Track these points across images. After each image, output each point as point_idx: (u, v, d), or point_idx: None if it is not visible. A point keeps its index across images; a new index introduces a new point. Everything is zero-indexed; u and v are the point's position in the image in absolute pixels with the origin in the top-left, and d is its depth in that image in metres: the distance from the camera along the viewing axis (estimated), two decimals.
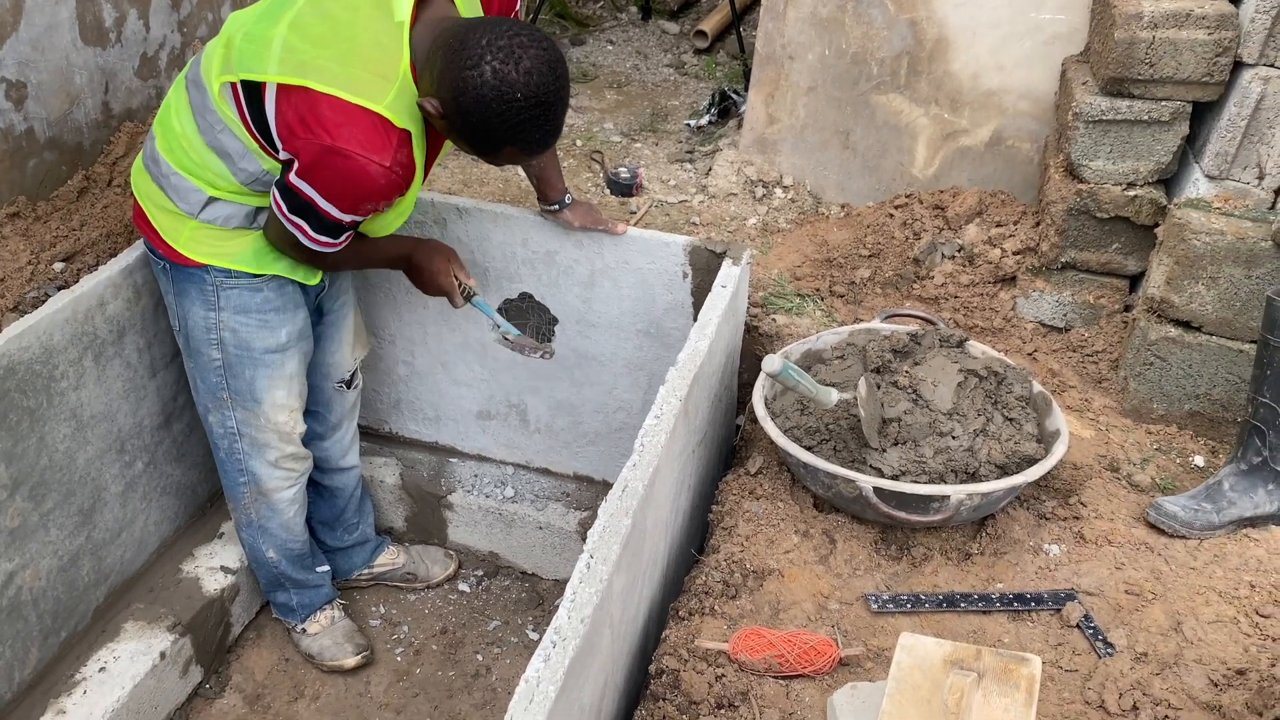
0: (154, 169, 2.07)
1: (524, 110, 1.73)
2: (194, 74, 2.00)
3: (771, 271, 2.73)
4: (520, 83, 1.71)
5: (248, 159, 1.95)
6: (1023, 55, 2.76)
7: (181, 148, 2.01)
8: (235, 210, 2.04)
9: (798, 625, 1.77)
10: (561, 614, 1.44)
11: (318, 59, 1.79)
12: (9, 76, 2.30)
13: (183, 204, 2.04)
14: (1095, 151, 2.40)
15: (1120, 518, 1.99)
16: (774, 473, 2.10)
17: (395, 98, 1.79)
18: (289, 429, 2.32)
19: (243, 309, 2.12)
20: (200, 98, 1.96)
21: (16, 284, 2.31)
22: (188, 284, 2.12)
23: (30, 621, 2.22)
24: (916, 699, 1.35)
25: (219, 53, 1.93)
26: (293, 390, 2.28)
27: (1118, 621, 1.77)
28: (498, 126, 1.75)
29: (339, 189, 1.81)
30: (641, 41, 4.43)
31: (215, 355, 2.18)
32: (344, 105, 1.76)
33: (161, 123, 2.06)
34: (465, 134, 1.80)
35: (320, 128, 1.77)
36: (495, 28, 1.72)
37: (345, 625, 2.68)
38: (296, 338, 2.22)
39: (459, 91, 1.72)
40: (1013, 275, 2.61)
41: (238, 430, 2.29)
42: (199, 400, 2.31)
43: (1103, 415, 2.31)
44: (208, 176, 2.00)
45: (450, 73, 1.72)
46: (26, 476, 2.13)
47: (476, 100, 1.71)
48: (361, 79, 1.78)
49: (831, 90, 3.00)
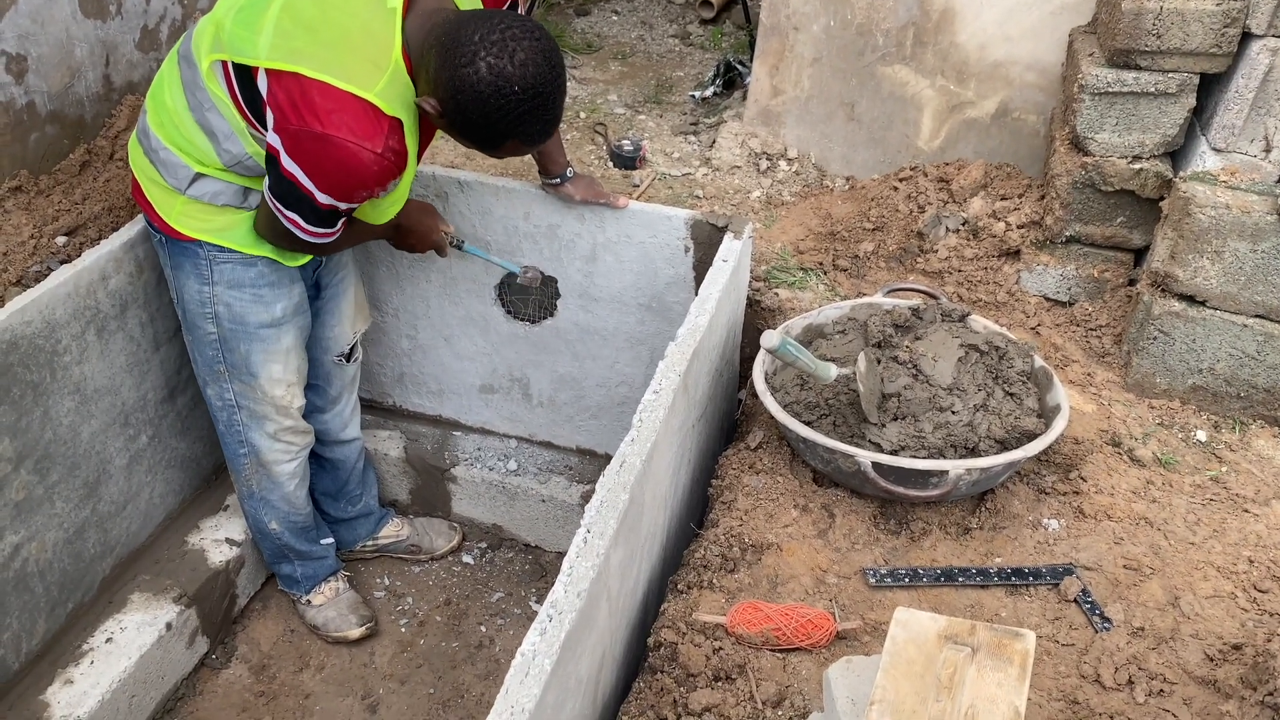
0: (145, 142, 2.07)
1: (523, 103, 1.73)
2: (185, 49, 1.99)
3: (775, 245, 2.72)
4: (517, 76, 1.70)
5: (233, 140, 1.95)
6: (1030, 26, 2.73)
7: (172, 123, 2.00)
8: (223, 187, 2.04)
9: (796, 599, 1.78)
10: (558, 588, 1.45)
11: (309, 45, 1.78)
12: (9, 50, 2.30)
13: (171, 179, 2.04)
14: (1101, 124, 2.37)
15: (1120, 493, 1.99)
16: (774, 447, 2.10)
17: (386, 85, 1.78)
18: (286, 402, 2.33)
19: (236, 284, 2.13)
20: (191, 74, 1.95)
21: (19, 258, 2.31)
22: (182, 258, 2.12)
23: (37, 593, 2.24)
24: (910, 673, 1.35)
25: (210, 30, 1.92)
26: (289, 365, 2.28)
27: (1115, 596, 1.78)
28: (498, 121, 1.74)
29: (331, 176, 1.80)
30: (647, 11, 4.39)
31: (211, 329, 2.19)
32: (335, 92, 1.75)
33: (154, 97, 2.06)
34: (466, 131, 1.80)
35: (311, 115, 1.75)
36: (487, 22, 1.71)
37: (350, 597, 2.71)
38: (292, 312, 2.23)
39: (456, 90, 1.71)
40: (1017, 249, 2.60)
41: (235, 402, 2.30)
42: (198, 373, 2.32)
43: (1105, 390, 2.31)
44: (194, 153, 2.00)
45: (445, 71, 1.71)
46: (31, 450, 2.14)
47: (474, 97, 1.71)
48: (353, 66, 1.76)
49: (837, 61, 2.97)
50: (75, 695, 2.23)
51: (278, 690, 2.56)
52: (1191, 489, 2.03)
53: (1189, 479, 2.06)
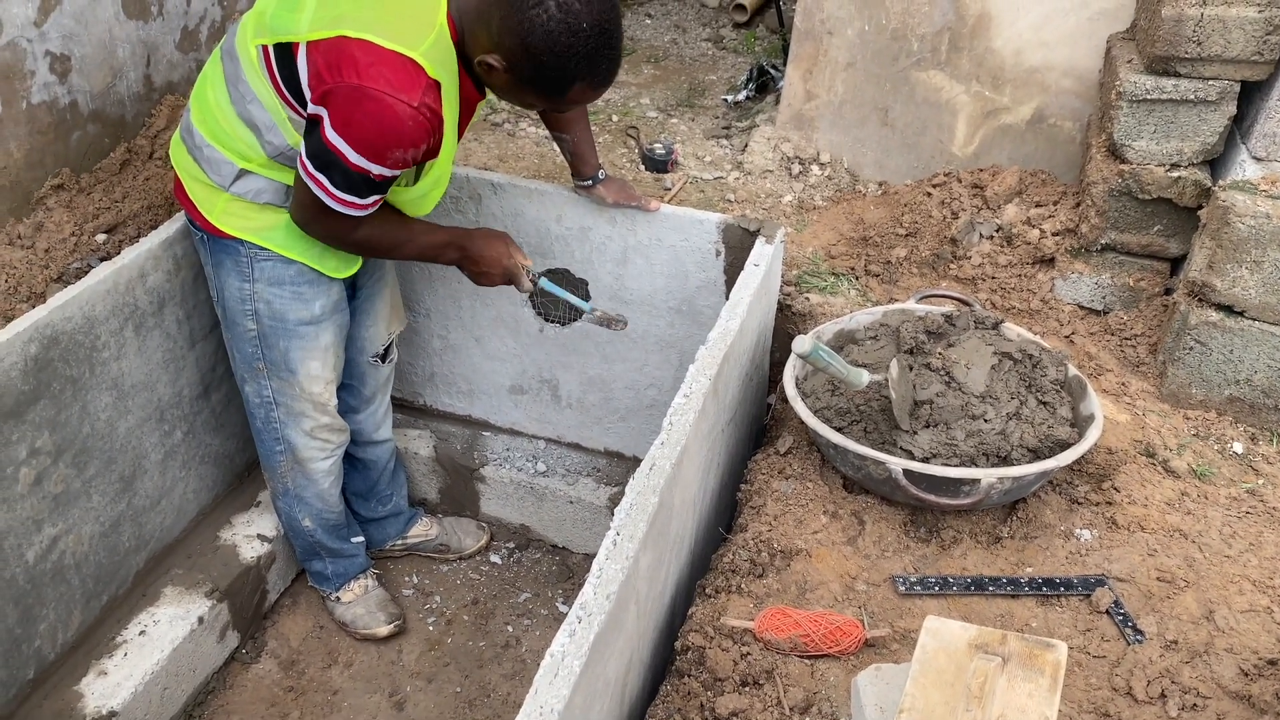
0: (189, 140, 2.09)
1: (591, 39, 1.73)
2: (229, 45, 2.02)
3: (806, 249, 2.71)
4: (584, 12, 1.71)
5: (274, 131, 1.97)
6: (1067, 32, 2.71)
7: (214, 118, 2.03)
8: (265, 184, 2.06)
9: (824, 605, 1.78)
10: (588, 590, 1.45)
11: (352, 9, 1.79)
12: (54, 50, 2.33)
13: (215, 176, 2.07)
14: (1139, 131, 2.35)
15: (1154, 504, 1.97)
16: (804, 453, 2.10)
17: (431, 46, 1.78)
18: (324, 400, 2.35)
19: (276, 281, 2.15)
20: (234, 68, 1.98)
21: (60, 255, 2.35)
22: (223, 255, 2.15)
23: (73, 585, 2.28)
24: (940, 682, 1.34)
25: (252, 21, 1.95)
26: (328, 362, 2.30)
27: (1148, 609, 1.76)
28: (568, 60, 1.74)
29: (365, 131, 1.77)
30: (680, 15, 4.40)
31: (250, 326, 2.21)
32: (375, 48, 1.75)
33: (198, 95, 2.08)
34: (534, 78, 1.79)
35: (350, 68, 1.75)
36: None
37: (379, 594, 2.73)
38: (331, 310, 2.24)
39: (526, 33, 1.71)
40: (1052, 256, 2.58)
41: (273, 399, 2.33)
42: (236, 369, 2.34)
43: (1140, 399, 2.28)
44: (238, 148, 2.02)
45: (513, 18, 1.72)
46: (69, 444, 2.17)
47: (545, 37, 1.71)
48: (396, 26, 1.77)
49: (870, 66, 2.96)
50: (109, 686, 2.26)
51: (306, 686, 2.59)
52: (1227, 501, 2.01)
53: (1225, 491, 2.04)
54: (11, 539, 2.07)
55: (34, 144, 2.35)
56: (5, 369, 1.98)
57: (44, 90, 2.34)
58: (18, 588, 2.11)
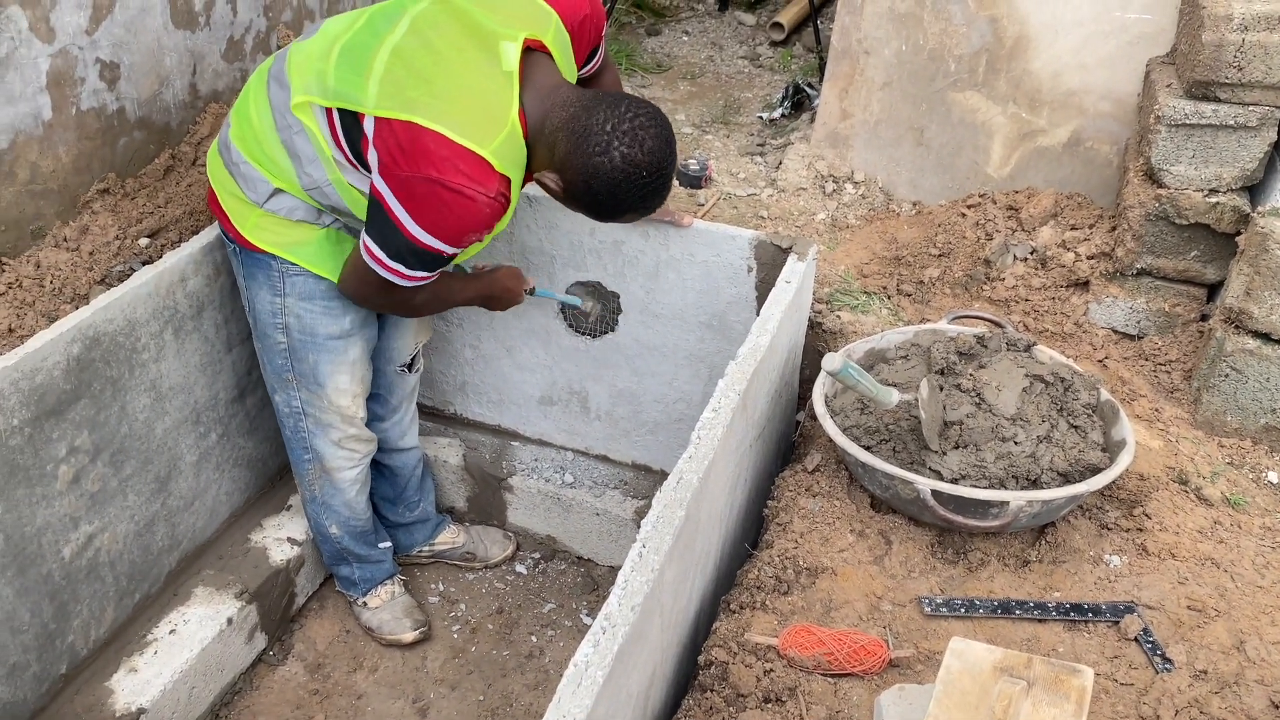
0: (226, 155, 2.12)
1: (649, 184, 1.86)
2: (278, 70, 2.04)
3: (838, 268, 2.72)
4: (646, 162, 1.83)
5: (315, 165, 1.99)
6: (1106, 55, 2.70)
7: (255, 138, 2.05)
8: (298, 203, 2.09)
9: (849, 624, 1.77)
10: (612, 601, 1.46)
11: (423, 95, 1.82)
12: (104, 58, 2.39)
13: (250, 192, 2.10)
14: (1177, 156, 2.34)
15: (1186, 532, 1.95)
16: (831, 471, 2.10)
17: (501, 144, 1.84)
18: (351, 412, 2.38)
19: (308, 296, 2.18)
20: (281, 96, 2.00)
21: (104, 257, 2.40)
22: (255, 268, 2.18)
23: (107, 582, 2.31)
24: (964, 704, 1.34)
25: (310, 71, 1.95)
26: (355, 375, 2.33)
27: (1178, 637, 1.74)
28: (624, 200, 1.88)
29: (442, 220, 1.84)
30: (717, 33, 4.42)
31: (281, 339, 2.24)
32: (449, 142, 1.80)
33: (239, 111, 2.11)
34: (589, 207, 1.93)
35: (425, 161, 1.80)
36: (615, 110, 1.82)
37: (405, 601, 2.75)
38: (360, 324, 2.27)
39: (589, 175, 1.84)
40: (1086, 280, 2.56)
41: (302, 410, 2.36)
42: (267, 379, 2.38)
43: (1173, 426, 2.26)
44: (274, 170, 2.05)
45: (578, 158, 1.83)
46: (108, 443, 2.21)
47: (607, 183, 1.84)
48: (468, 121, 1.81)
49: (907, 86, 2.96)
50: (139, 683, 2.29)
51: (331, 689, 2.61)
52: (1261, 531, 1.99)
53: (1259, 520, 2.01)
54: (49, 535, 2.11)
55: (82, 149, 2.41)
56: (48, 368, 2.02)
57: (93, 97, 2.39)
58: (54, 583, 2.15)
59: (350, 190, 2.00)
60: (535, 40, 1.92)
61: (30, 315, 2.21)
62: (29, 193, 2.31)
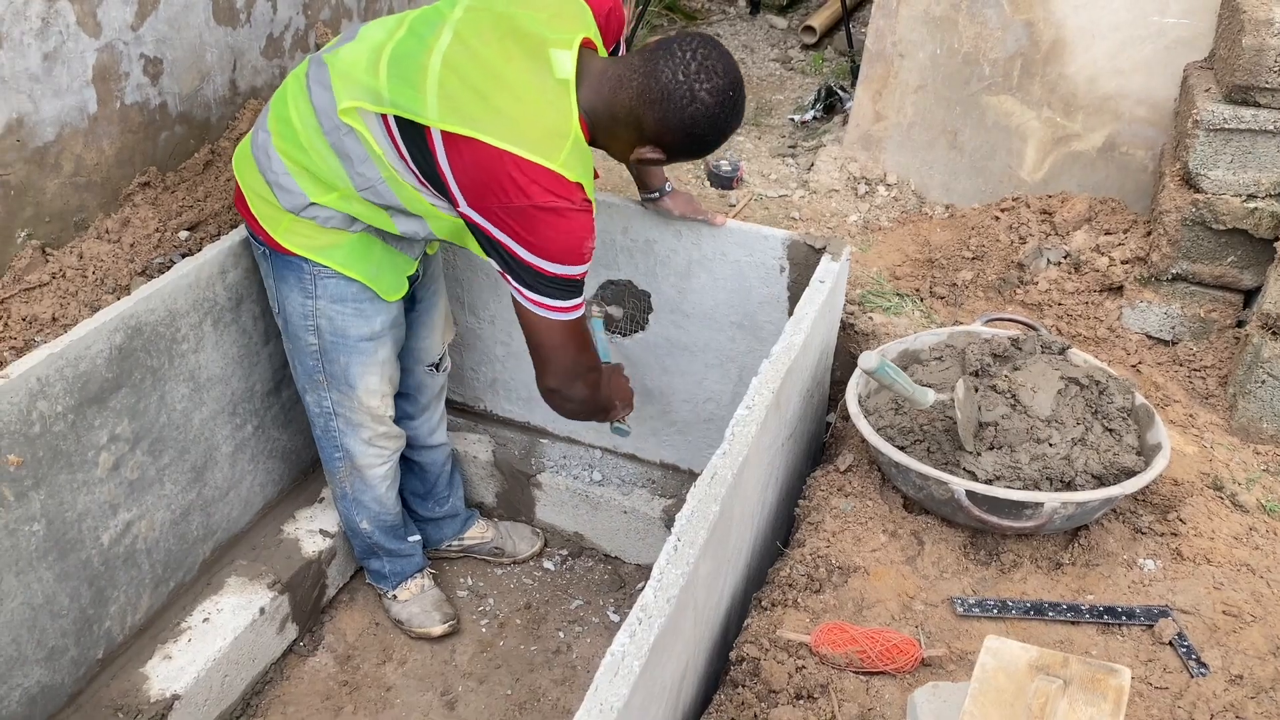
0: (264, 161, 2.10)
1: (737, 99, 1.90)
2: (319, 74, 2.02)
3: (870, 269, 2.72)
4: (727, 84, 1.86)
5: (367, 164, 1.99)
6: (1142, 59, 2.69)
7: (299, 144, 2.03)
8: (334, 214, 2.09)
9: (881, 623, 1.77)
10: (648, 593, 1.47)
11: (483, 111, 1.83)
12: (148, 53, 2.43)
13: (285, 202, 2.09)
14: (1215, 161, 2.33)
15: (1221, 537, 1.94)
16: (864, 471, 2.10)
17: (569, 154, 1.85)
18: (381, 411, 2.40)
19: (339, 298, 2.19)
20: (325, 99, 1.98)
21: (145, 250, 2.43)
22: (286, 271, 2.18)
23: (144, 569, 2.35)
24: (1000, 701, 1.34)
25: (360, 79, 1.93)
26: (384, 375, 2.36)
27: (1213, 642, 1.73)
28: (727, 126, 1.91)
29: (556, 243, 1.88)
30: (749, 35, 4.43)
31: (312, 341, 2.26)
32: (522, 162, 1.81)
33: (279, 116, 2.08)
34: (696, 151, 1.95)
35: (513, 188, 1.82)
36: (673, 58, 1.84)
37: (434, 594, 2.77)
38: (390, 325, 2.29)
39: (690, 126, 1.86)
40: (1120, 285, 2.55)
41: (333, 410, 2.38)
42: (297, 380, 2.40)
43: (1208, 432, 2.25)
44: (320, 175, 2.03)
45: (672, 119, 1.85)
46: (147, 432, 2.25)
47: (708, 121, 1.87)
48: (534, 136, 1.83)
49: (941, 89, 2.96)
50: (173, 670, 2.32)
51: (360, 681, 2.63)
52: None
53: None
54: (89, 521, 2.14)
55: (125, 143, 2.44)
56: (92, 355, 2.06)
57: (136, 91, 2.43)
58: (92, 569, 2.18)
59: (404, 187, 1.99)
60: (585, 39, 1.93)
61: (73, 305, 2.25)
62: (73, 185, 2.34)
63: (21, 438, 1.95)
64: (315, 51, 2.97)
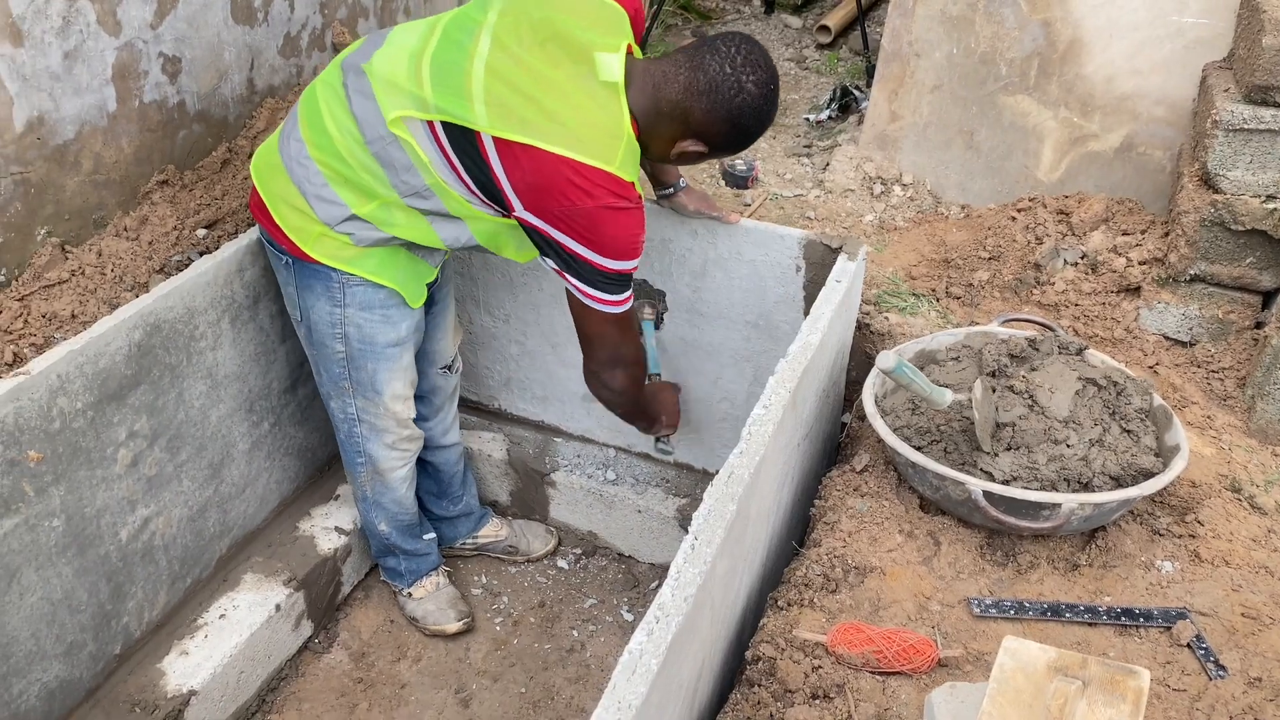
0: (299, 172, 2.08)
1: (775, 92, 1.97)
2: (359, 84, 2.00)
3: (886, 269, 2.71)
4: (769, 77, 1.94)
5: (412, 172, 1.99)
6: (1161, 59, 2.68)
7: (337, 154, 2.02)
8: (371, 232, 2.10)
9: (897, 623, 1.77)
10: (665, 591, 1.47)
11: (535, 116, 1.86)
12: (166, 51, 2.44)
13: (322, 214, 2.08)
14: (1234, 161, 2.31)
15: (1240, 539, 1.93)
16: (880, 471, 2.10)
17: (624, 155, 1.90)
18: (404, 415, 2.42)
19: (367, 305, 2.19)
20: (369, 110, 1.97)
21: (163, 247, 2.44)
22: (312, 280, 2.18)
23: (161, 566, 2.36)
24: (1018, 702, 1.34)
25: (404, 88, 1.94)
26: (407, 380, 2.37)
27: (1232, 644, 1.72)
28: (766, 117, 1.98)
29: (617, 241, 1.94)
30: (763, 35, 4.42)
31: (339, 349, 2.27)
32: (582, 166, 1.85)
33: (312, 126, 2.06)
34: (738, 144, 2.01)
35: (575, 191, 1.87)
36: (718, 52, 1.91)
37: (449, 592, 2.78)
38: (413, 331, 2.31)
39: (735, 117, 1.93)
40: (1137, 286, 2.54)
41: (357, 416, 2.39)
42: (321, 386, 2.41)
43: (1226, 434, 2.24)
44: (361, 184, 2.03)
45: (719, 110, 1.92)
46: (164, 429, 2.26)
47: (754, 112, 1.94)
48: (590, 139, 1.87)
49: (957, 89, 2.95)
50: (189, 666, 2.33)
51: (375, 678, 2.64)
52: None
53: None
54: (108, 517, 2.16)
55: (143, 141, 2.46)
56: (111, 352, 2.07)
57: (155, 90, 2.45)
58: (111, 564, 2.20)
59: (450, 194, 2.00)
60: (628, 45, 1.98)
61: (92, 302, 2.26)
62: (92, 183, 2.36)
63: (42, 434, 1.96)
64: (334, 53, 2.99)
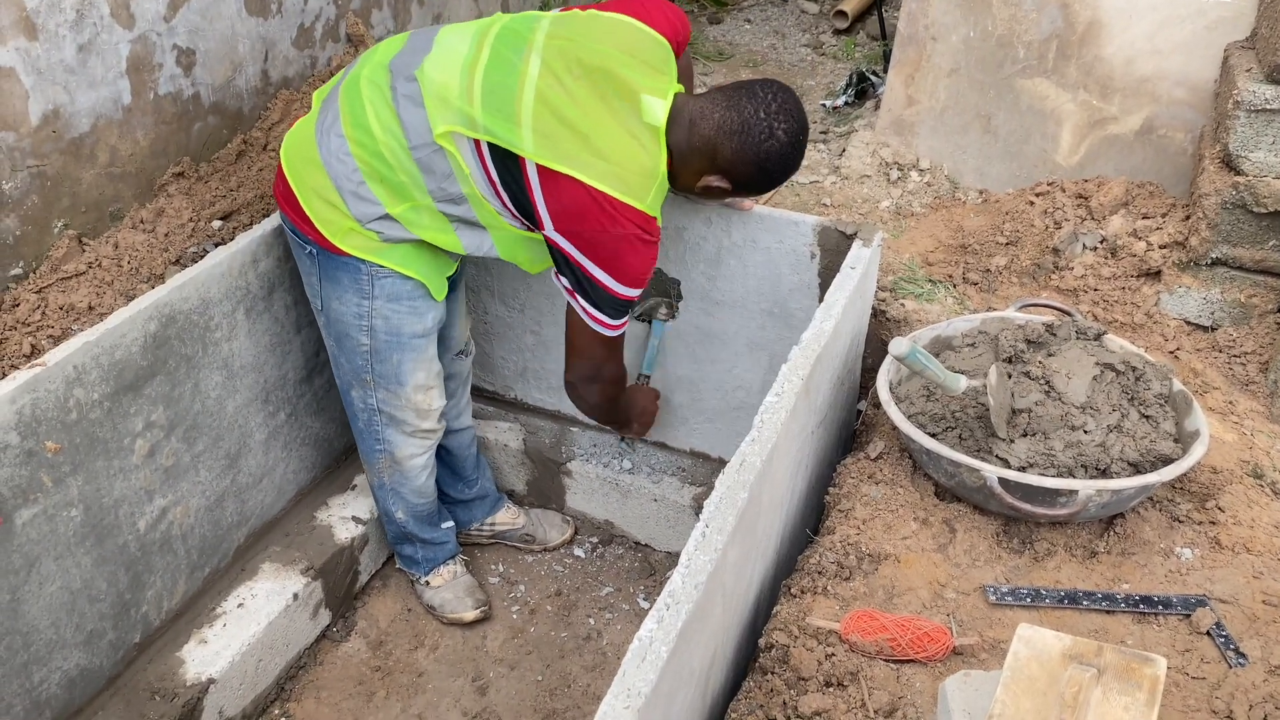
0: (337, 168, 2.08)
1: (803, 144, 2.07)
2: (408, 90, 2.01)
3: (903, 256, 2.69)
4: (800, 128, 2.04)
5: (450, 180, 2.04)
6: (1181, 40, 2.64)
7: (380, 154, 2.03)
8: (398, 231, 2.13)
9: (912, 611, 1.76)
10: (676, 578, 1.46)
11: (582, 152, 1.94)
12: (180, 44, 2.45)
13: (356, 210, 2.10)
14: (1256, 143, 2.28)
15: (1261, 526, 1.90)
16: (895, 458, 2.08)
17: (655, 193, 2.00)
18: (426, 405, 2.41)
19: (395, 297, 2.20)
20: (417, 118, 2.00)
21: (179, 239, 2.46)
22: (339, 272, 2.18)
23: (179, 555, 2.38)
24: (1032, 690, 1.32)
25: (454, 104, 1.97)
26: (431, 370, 2.38)
27: (1252, 632, 1.70)
28: (791, 166, 2.07)
29: (631, 269, 2.02)
30: (780, 21, 4.40)
31: (364, 341, 2.27)
32: (615, 202, 1.94)
33: (356, 124, 2.06)
34: (761, 186, 2.11)
35: (605, 218, 1.95)
36: (755, 97, 2.00)
37: (466, 580, 2.78)
38: (438, 321, 2.32)
39: (762, 160, 2.02)
40: (1158, 270, 2.51)
41: (377, 407, 2.39)
42: (340, 377, 2.41)
43: (1248, 419, 2.21)
44: (398, 185, 2.06)
45: (748, 151, 2.00)
46: (181, 420, 2.27)
47: (779, 158, 2.03)
48: (629, 180, 1.96)
49: (974, 73, 2.92)
50: (208, 654, 2.35)
51: (393, 666, 2.65)
52: None
53: None
54: (126, 507, 2.17)
55: (159, 133, 2.47)
56: (127, 344, 2.08)
57: (170, 82, 2.45)
58: (129, 554, 2.22)
59: (484, 204, 2.06)
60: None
61: (109, 294, 2.28)
62: (108, 175, 2.37)
63: (59, 424, 1.98)
64: (349, 44, 2.99)
